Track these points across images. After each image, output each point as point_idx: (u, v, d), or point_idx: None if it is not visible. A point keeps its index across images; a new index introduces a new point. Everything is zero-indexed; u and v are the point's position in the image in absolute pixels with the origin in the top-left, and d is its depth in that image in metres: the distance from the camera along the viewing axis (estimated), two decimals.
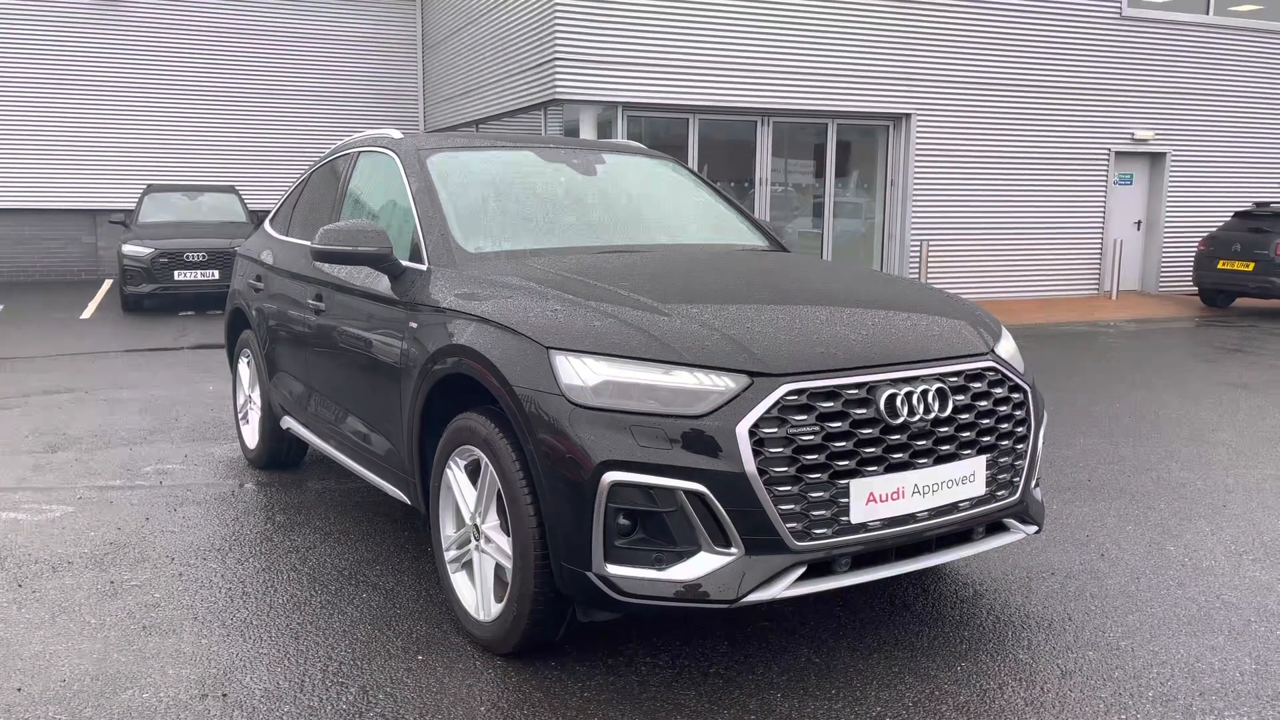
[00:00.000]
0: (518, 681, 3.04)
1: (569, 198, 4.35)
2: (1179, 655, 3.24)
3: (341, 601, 3.66)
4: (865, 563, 2.90)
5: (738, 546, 2.73)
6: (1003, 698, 2.95)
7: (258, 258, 5.33)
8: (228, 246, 12.41)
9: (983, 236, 14.89)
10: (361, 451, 4.12)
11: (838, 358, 2.91)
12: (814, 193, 14.77)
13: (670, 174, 4.85)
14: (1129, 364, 9.56)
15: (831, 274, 3.89)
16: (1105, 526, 4.56)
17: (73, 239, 18.12)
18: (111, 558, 4.10)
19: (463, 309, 3.32)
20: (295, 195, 5.37)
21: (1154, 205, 16.26)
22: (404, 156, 4.19)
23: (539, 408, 2.87)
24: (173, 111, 18.03)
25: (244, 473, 5.41)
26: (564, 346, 2.91)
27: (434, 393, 3.41)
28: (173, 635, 3.37)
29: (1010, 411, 3.18)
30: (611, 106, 12.96)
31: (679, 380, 2.79)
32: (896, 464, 2.88)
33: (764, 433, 2.73)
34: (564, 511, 2.82)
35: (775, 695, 2.96)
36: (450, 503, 3.38)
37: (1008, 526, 3.23)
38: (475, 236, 3.85)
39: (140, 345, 10.17)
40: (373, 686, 3.01)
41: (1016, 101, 14.70)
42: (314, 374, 4.54)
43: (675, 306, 3.09)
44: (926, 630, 3.42)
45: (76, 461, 5.59)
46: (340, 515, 4.66)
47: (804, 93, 13.56)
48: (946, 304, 3.54)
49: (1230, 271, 13.98)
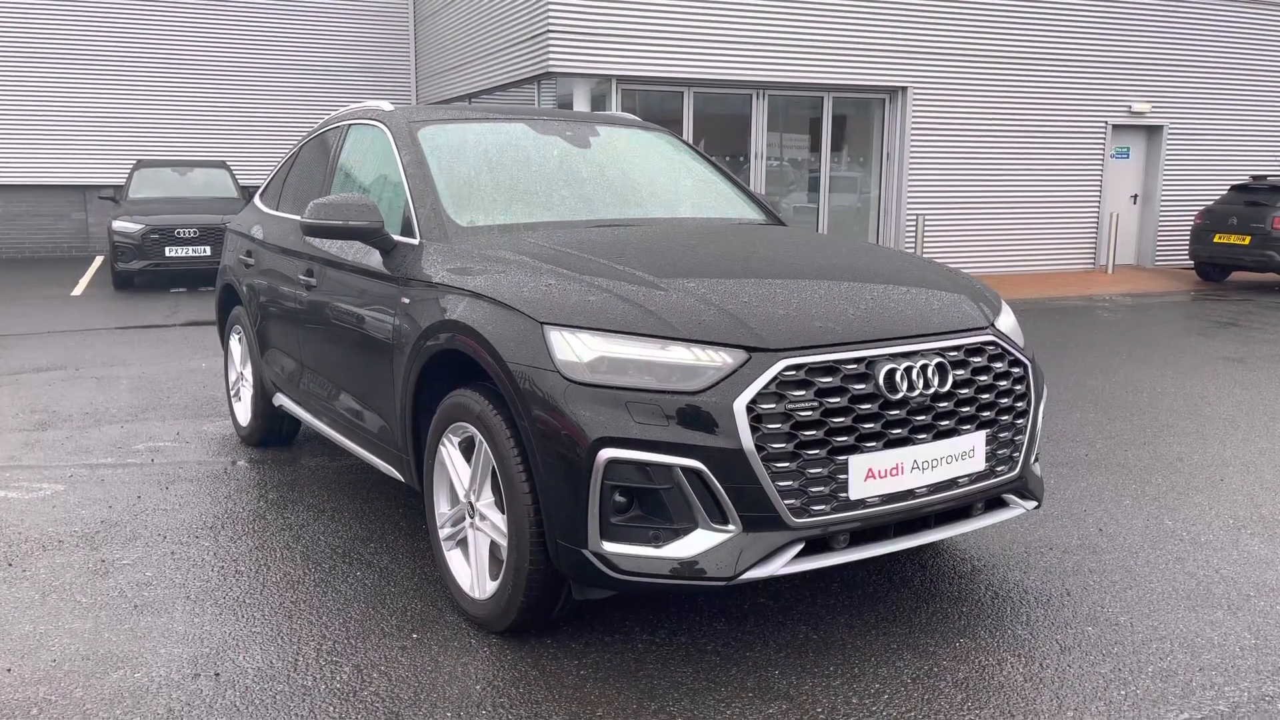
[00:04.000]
0: (513, 659, 3.02)
1: (563, 171, 4.28)
2: (1178, 630, 3.23)
3: (335, 579, 3.63)
4: (864, 539, 2.87)
5: (735, 523, 2.70)
6: (1002, 674, 2.94)
7: (248, 233, 5.27)
8: (219, 222, 12.29)
9: (979, 211, 14.83)
10: (354, 428, 4.08)
11: (836, 332, 2.88)
12: (809, 167, 14.68)
13: (666, 147, 4.78)
14: (1125, 338, 9.54)
15: (829, 248, 3.84)
16: (1102, 501, 4.54)
17: (62, 215, 17.98)
18: (103, 536, 4.06)
19: (455, 284, 3.27)
20: (285, 169, 5.29)
21: (1150, 179, 16.20)
22: (395, 129, 4.12)
23: (533, 384, 2.83)
24: (163, 85, 17.86)
25: (236, 450, 5.37)
26: (559, 322, 2.86)
27: (427, 369, 3.36)
28: (165, 614, 3.34)
29: (1010, 386, 3.15)
30: (606, 80, 12.84)
31: (676, 356, 2.76)
32: (895, 440, 2.85)
33: (762, 409, 2.69)
34: (559, 489, 2.78)
35: (773, 672, 2.94)
36: (444, 480, 3.35)
37: (1007, 502, 3.21)
38: (468, 210, 3.79)
39: (131, 322, 10.10)
40: (367, 665, 2.99)
41: (1013, 74, 14.60)
42: (306, 350, 4.50)
43: (671, 281, 3.04)
44: (924, 606, 3.40)
45: (67, 439, 5.55)
46: (333, 493, 4.62)
47: (800, 65, 13.44)
48: (946, 278, 3.49)
49: (1226, 245, 13.94)
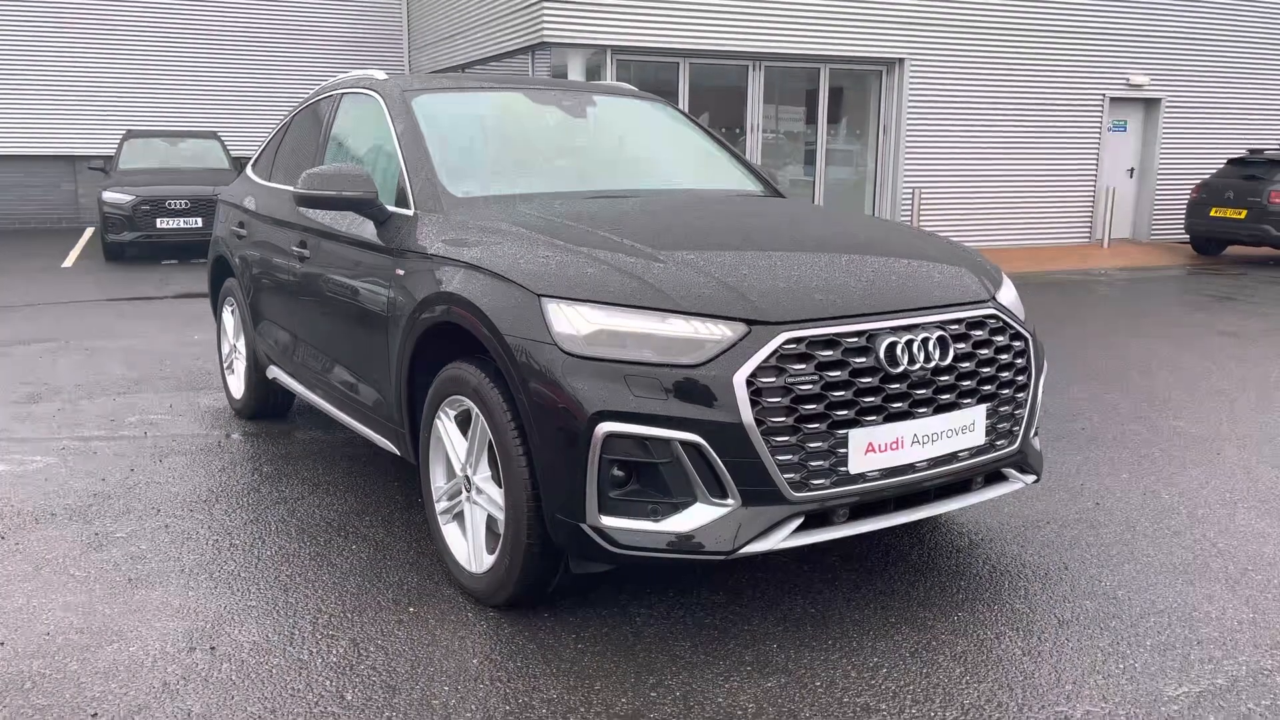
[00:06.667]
0: (510, 633, 3.00)
1: (560, 141, 4.23)
2: (1176, 604, 3.22)
3: (331, 553, 3.61)
4: (863, 513, 2.86)
5: (734, 498, 2.68)
6: (1000, 647, 2.94)
7: (240, 204, 5.20)
8: (210, 194, 12.16)
9: (975, 184, 14.75)
10: (349, 401, 4.05)
11: (837, 305, 2.84)
12: (806, 140, 14.58)
13: (663, 117, 4.72)
14: (1121, 313, 9.53)
15: (830, 220, 3.80)
16: (1099, 475, 4.53)
17: (53, 186, 17.81)
18: (96, 509, 4.03)
19: (451, 255, 3.22)
20: (278, 139, 5.22)
21: (1147, 152, 16.13)
22: (388, 98, 4.05)
23: (531, 357, 2.80)
24: (153, 54, 17.64)
25: (230, 423, 5.33)
26: (556, 294, 2.83)
27: (422, 342, 3.33)
28: (159, 588, 3.32)
29: (1011, 360, 3.13)
30: (600, 51, 12.70)
31: (675, 329, 2.72)
32: (896, 414, 2.83)
33: (762, 382, 2.66)
34: (557, 463, 2.76)
35: (771, 646, 2.93)
36: (440, 454, 3.32)
37: (1006, 476, 3.20)
38: (463, 180, 3.74)
39: (123, 294, 10.03)
40: (364, 639, 2.97)
41: (1011, 47, 14.48)
42: (299, 323, 4.45)
43: (671, 253, 3.00)
44: (923, 580, 3.39)
45: (59, 412, 5.51)
46: (328, 466, 4.60)
47: (797, 36, 13.31)
48: (947, 250, 3.46)
49: (1223, 219, 13.90)
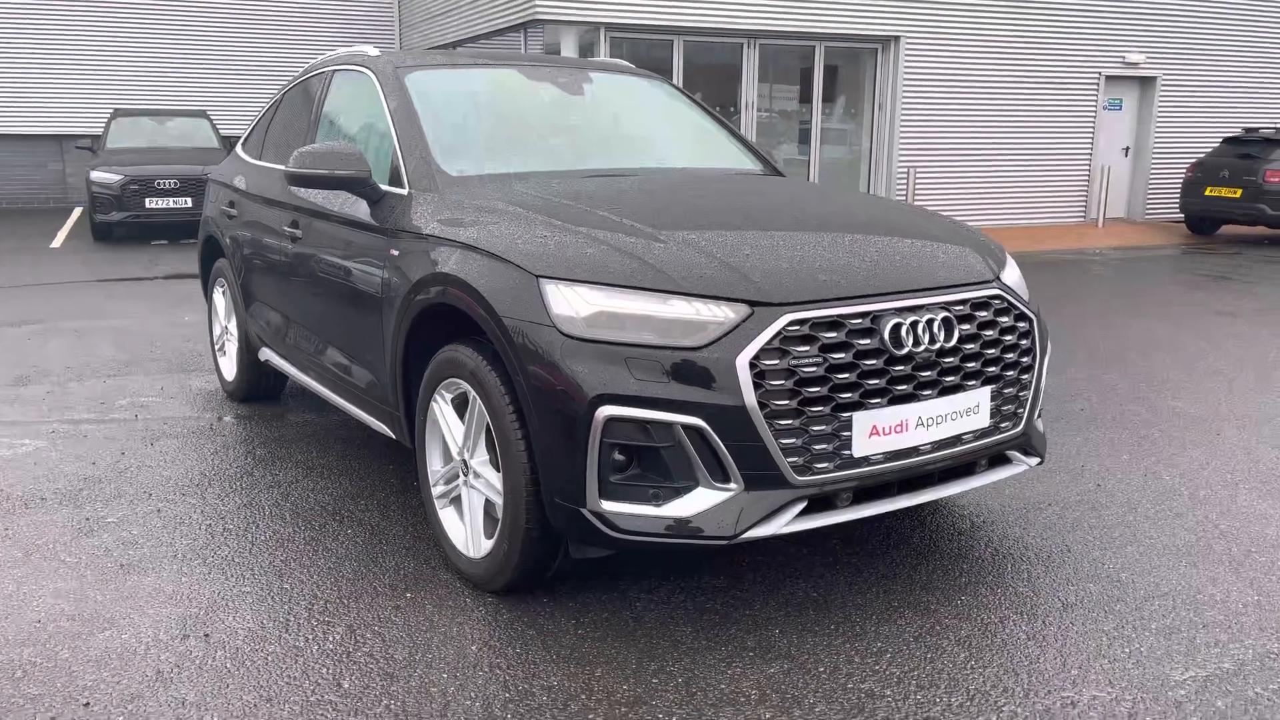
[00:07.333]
0: (509, 619, 2.96)
1: (557, 119, 4.16)
2: (1180, 587, 3.20)
3: (326, 538, 3.56)
4: (867, 497, 2.82)
5: (737, 482, 2.63)
6: (1004, 631, 2.91)
7: (230, 183, 5.12)
8: (200, 173, 12.03)
9: (970, 163, 14.69)
10: (343, 384, 3.99)
11: (841, 286, 2.79)
12: (800, 118, 14.48)
13: (661, 94, 4.65)
14: (1117, 292, 9.50)
15: (831, 199, 3.75)
16: (1100, 456, 4.51)
17: (40, 165, 17.62)
18: (87, 494, 3.98)
19: (446, 235, 3.16)
20: (268, 117, 5.14)
21: (1142, 131, 16.07)
22: (381, 75, 3.98)
23: (529, 340, 2.74)
24: (140, 30, 17.43)
25: (222, 405, 5.27)
26: (555, 275, 2.77)
27: (417, 323, 3.27)
28: (152, 574, 3.27)
29: (1016, 341, 3.09)
30: (594, 28, 12.58)
31: (676, 310, 2.67)
32: (900, 396, 2.78)
33: (764, 364, 2.61)
34: (556, 447, 2.71)
35: (773, 631, 2.90)
36: (437, 437, 3.27)
37: (1010, 458, 3.16)
38: (458, 159, 3.66)
39: (112, 275, 9.92)
40: (360, 625, 2.93)
41: (1007, 24, 14.38)
42: (292, 304, 4.39)
43: (671, 233, 2.94)
44: (925, 564, 3.36)
45: (48, 395, 5.44)
46: (322, 449, 4.54)
47: (791, 13, 13.19)
48: (950, 230, 3.41)
49: (1218, 198, 13.87)
